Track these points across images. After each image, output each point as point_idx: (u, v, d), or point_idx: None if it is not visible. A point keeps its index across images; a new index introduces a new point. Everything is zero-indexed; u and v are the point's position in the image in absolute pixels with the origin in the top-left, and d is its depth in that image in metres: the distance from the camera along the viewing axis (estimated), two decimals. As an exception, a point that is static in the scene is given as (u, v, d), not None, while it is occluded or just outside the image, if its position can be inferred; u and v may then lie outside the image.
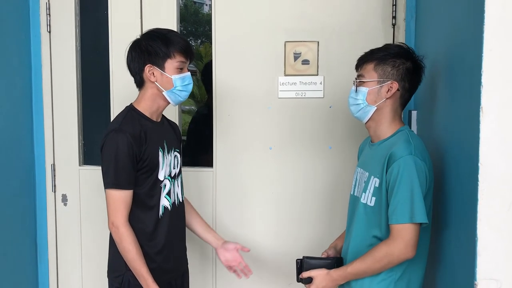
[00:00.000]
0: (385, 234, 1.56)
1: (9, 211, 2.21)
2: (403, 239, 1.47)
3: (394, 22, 2.24)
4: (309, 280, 1.68)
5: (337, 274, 1.61)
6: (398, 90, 1.60)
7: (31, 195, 2.41)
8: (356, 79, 1.67)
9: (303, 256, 1.73)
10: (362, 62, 1.67)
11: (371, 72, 1.62)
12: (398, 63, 1.60)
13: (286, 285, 2.37)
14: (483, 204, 1.22)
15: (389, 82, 1.59)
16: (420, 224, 1.48)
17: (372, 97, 1.62)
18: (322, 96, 2.29)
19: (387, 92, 1.60)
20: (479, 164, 1.21)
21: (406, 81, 1.61)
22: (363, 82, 1.63)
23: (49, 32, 2.38)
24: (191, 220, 2.02)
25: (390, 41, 2.22)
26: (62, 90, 2.40)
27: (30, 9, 2.35)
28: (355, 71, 1.71)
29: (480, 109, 1.21)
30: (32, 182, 2.41)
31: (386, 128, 1.64)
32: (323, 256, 1.83)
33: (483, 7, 1.19)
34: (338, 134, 2.30)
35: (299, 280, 1.72)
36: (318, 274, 1.65)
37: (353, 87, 1.67)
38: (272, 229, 2.36)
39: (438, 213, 1.62)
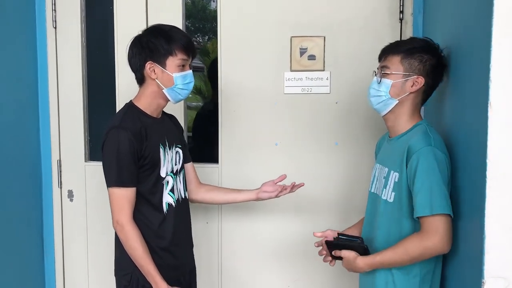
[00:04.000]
0: (406, 230, 1.54)
1: (16, 207, 2.23)
2: (437, 232, 1.42)
3: (401, 17, 2.21)
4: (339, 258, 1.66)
5: (364, 262, 1.56)
6: (423, 85, 1.57)
7: (38, 191, 2.42)
8: (379, 69, 1.63)
9: (338, 233, 1.72)
10: (387, 53, 1.62)
11: (397, 65, 1.58)
12: (426, 59, 1.57)
13: (292, 281, 2.37)
14: (491, 201, 1.20)
15: (415, 76, 1.56)
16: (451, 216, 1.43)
17: (396, 90, 1.58)
18: (329, 92, 2.27)
19: (411, 87, 1.57)
20: (487, 161, 1.20)
21: (430, 77, 1.58)
22: (388, 74, 1.59)
23: (55, 28, 2.38)
24: (220, 194, 2.03)
25: (397, 37, 2.20)
26: (68, 86, 2.41)
27: (36, 5, 2.36)
28: (377, 61, 1.67)
29: (489, 105, 1.19)
30: (39, 178, 2.42)
31: (405, 122, 1.61)
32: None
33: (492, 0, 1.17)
34: (345, 130, 2.29)
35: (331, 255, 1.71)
36: (347, 256, 1.60)
37: (375, 78, 1.63)
38: (278, 225, 2.35)
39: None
